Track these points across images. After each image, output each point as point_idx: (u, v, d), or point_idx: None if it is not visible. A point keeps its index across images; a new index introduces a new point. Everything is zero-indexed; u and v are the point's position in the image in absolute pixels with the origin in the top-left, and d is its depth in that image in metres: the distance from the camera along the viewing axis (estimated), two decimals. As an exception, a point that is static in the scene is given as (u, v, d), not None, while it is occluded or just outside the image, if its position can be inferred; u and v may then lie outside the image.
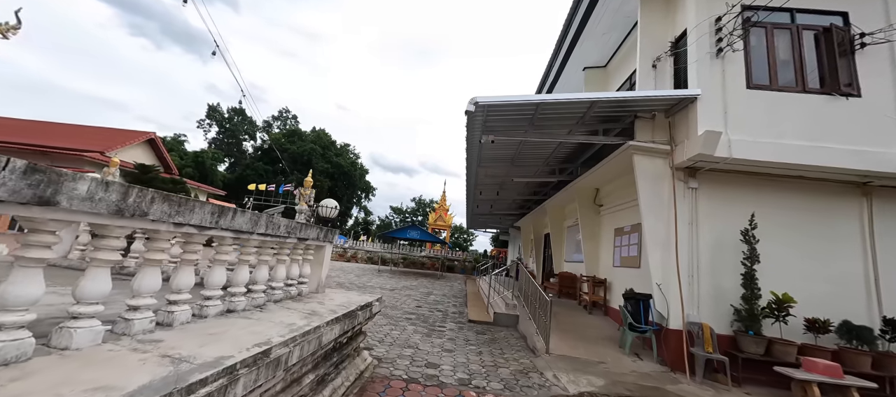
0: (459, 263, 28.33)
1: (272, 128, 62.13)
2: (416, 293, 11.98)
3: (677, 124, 5.85)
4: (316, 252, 3.90)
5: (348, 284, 12.39)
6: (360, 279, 14.70)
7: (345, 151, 59.59)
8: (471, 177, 9.84)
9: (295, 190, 34.06)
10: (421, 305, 9.44)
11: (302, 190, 3.95)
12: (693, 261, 5.58)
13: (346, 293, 4.34)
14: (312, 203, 3.82)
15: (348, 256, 28.72)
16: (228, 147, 58.39)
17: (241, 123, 58.95)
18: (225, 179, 48.93)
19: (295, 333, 2.24)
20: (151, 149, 28.48)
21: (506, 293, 8.80)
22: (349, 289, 11.26)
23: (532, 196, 13.08)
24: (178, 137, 51.87)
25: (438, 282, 17.66)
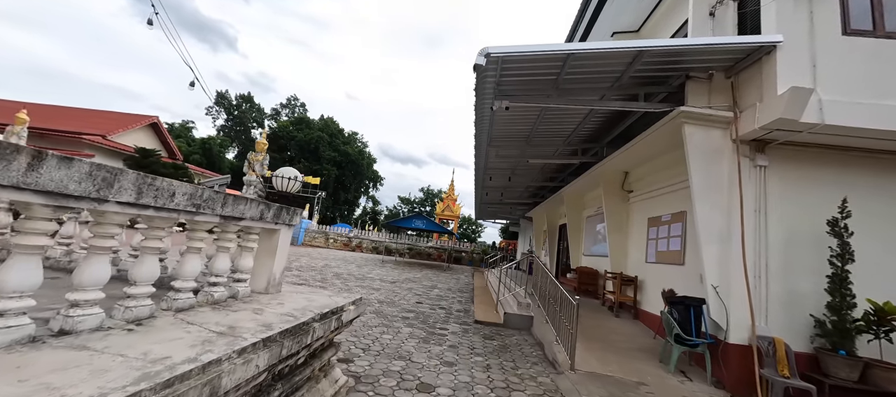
0: (467, 255, 27.33)
1: (280, 116, 61.63)
2: (418, 286, 11.00)
3: (744, 84, 4.61)
4: (263, 238, 2.88)
5: (346, 275, 11.49)
6: (360, 270, 13.80)
7: (353, 140, 58.76)
8: (480, 159, 8.71)
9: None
10: (422, 301, 8.45)
11: (253, 155, 2.95)
12: (760, 259, 4.41)
13: (312, 293, 3.32)
14: (266, 171, 2.97)
15: (353, 246, 27.98)
16: (237, 134, 58.12)
17: (249, 110, 58.56)
18: (232, 166, 48.68)
19: (145, 384, 1.20)
20: (154, 134, 27.94)
21: (518, 289, 7.75)
22: (346, 280, 10.34)
23: (547, 182, 11.89)
24: (186, 124, 51.69)
25: (444, 274, 16.68)
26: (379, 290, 9.21)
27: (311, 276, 10.23)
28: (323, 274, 11.15)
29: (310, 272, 11.17)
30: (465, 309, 8.14)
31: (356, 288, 9.14)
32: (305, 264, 13.35)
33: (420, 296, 9.26)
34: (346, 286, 9.25)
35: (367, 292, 8.67)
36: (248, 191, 2.84)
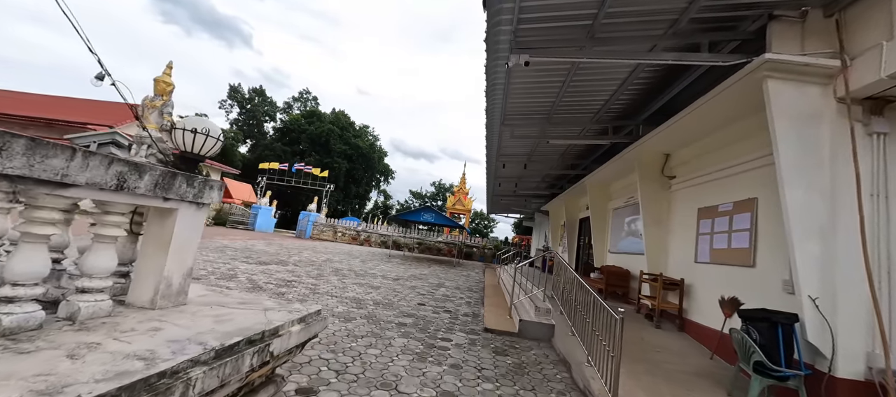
0: (479, 250, 26.26)
1: (292, 109, 61.51)
2: (423, 284, 10.01)
3: (856, 21, 3.37)
4: (152, 221, 1.88)
5: (346, 271, 10.59)
6: (363, 265, 12.90)
7: (363, 133, 58.19)
8: (492, 138, 7.60)
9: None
10: (425, 302, 7.44)
11: (149, 99, 2.13)
12: (880, 261, 3.20)
13: (239, 308, 2.29)
14: (168, 124, 2.27)
15: (361, 240, 27.26)
16: (249, 128, 58.21)
17: (261, 104, 58.56)
18: (244, 159, 48.75)
19: None
20: (163, 125, 27.56)
21: (535, 291, 6.66)
22: (344, 276, 9.42)
23: (567, 170, 10.68)
24: (200, 117, 52.03)
25: (453, 270, 15.66)
26: (378, 289, 8.24)
27: (307, 272, 9.35)
28: (320, 269, 10.26)
29: (306, 267, 10.31)
30: (473, 312, 7.08)
31: (352, 286, 8.20)
32: (305, 259, 12.53)
33: (424, 295, 8.25)
34: (342, 284, 8.32)
35: (364, 291, 7.71)
36: (140, 153, 2.12)
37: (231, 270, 8.00)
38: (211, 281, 6.58)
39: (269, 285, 6.98)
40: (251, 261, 10.01)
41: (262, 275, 8.02)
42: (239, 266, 8.79)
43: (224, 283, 6.51)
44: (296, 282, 7.65)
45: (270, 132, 57.18)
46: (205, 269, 7.66)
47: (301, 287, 7.23)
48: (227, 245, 13.49)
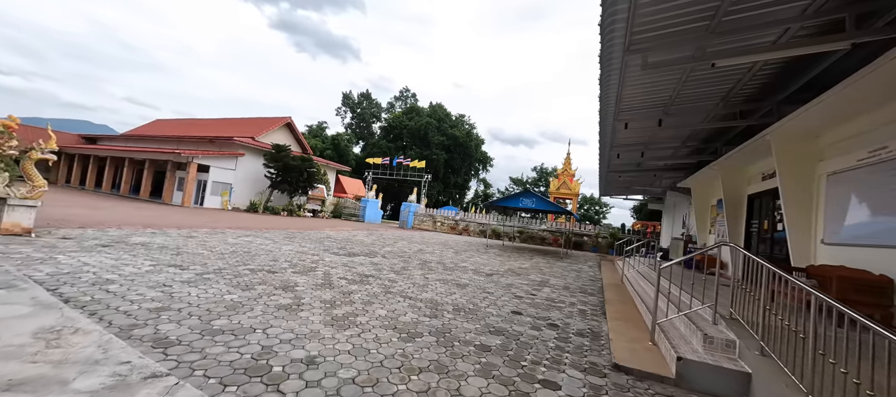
0: (590, 239, 22.73)
1: (395, 108, 65.45)
2: (523, 282, 8.20)
3: None
4: None
5: (434, 264, 9.52)
6: (455, 257, 11.74)
7: (460, 122, 58.05)
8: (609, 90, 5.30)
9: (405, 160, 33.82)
10: (522, 309, 5.68)
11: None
12: None
13: None
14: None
15: (460, 229, 26.62)
16: (361, 129, 64.20)
17: (368, 107, 63.85)
18: (357, 158, 53.86)
19: None
20: (289, 132, 31.79)
21: (697, 307, 4.20)
22: (430, 270, 8.31)
23: (726, 123, 7.37)
24: (321, 125, 59.55)
25: (560, 263, 13.27)
26: (464, 289, 6.82)
27: (391, 266, 8.56)
28: (408, 262, 9.42)
29: (394, 259, 9.60)
30: (592, 329, 5.02)
31: (435, 283, 6.96)
32: (397, 250, 12.02)
33: (521, 299, 6.49)
34: (424, 280, 7.18)
35: (446, 291, 6.38)
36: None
37: (313, 263, 7.64)
38: (286, 274, 6.15)
39: (343, 281, 6.23)
40: (341, 252, 9.79)
41: (343, 268, 7.43)
42: (325, 258, 8.50)
43: (296, 278, 5.98)
44: (373, 278, 6.79)
45: (377, 131, 61.98)
46: (289, 261, 7.45)
47: (375, 284, 6.30)
48: (329, 236, 14.03)
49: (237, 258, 7.19)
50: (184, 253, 7.11)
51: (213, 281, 5.24)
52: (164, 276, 5.14)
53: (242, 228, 12.95)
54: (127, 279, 4.79)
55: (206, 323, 3.60)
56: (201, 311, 3.92)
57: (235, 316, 3.88)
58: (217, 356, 2.94)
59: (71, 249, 6.22)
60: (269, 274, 6.13)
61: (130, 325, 3.32)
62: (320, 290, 5.41)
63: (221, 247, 8.24)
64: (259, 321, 3.83)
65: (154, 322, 3.48)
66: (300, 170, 25.23)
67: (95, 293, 4.08)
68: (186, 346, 3.04)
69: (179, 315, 3.74)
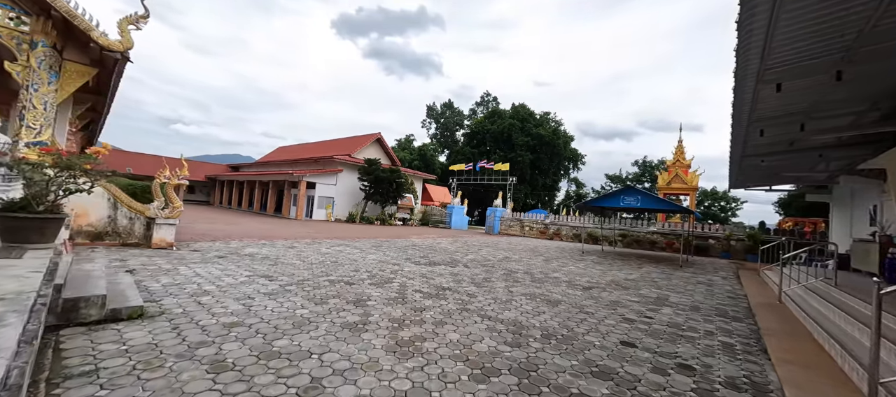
0: (719, 242, 18.51)
1: (477, 114, 65.64)
2: (632, 298, 6.63)
3: None
4: None
5: (522, 274, 8.51)
6: (546, 266, 10.48)
7: (545, 121, 55.02)
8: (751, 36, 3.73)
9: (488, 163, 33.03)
10: (635, 341, 4.36)
11: None
12: None
13: None
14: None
15: (550, 233, 24.65)
16: (445, 138, 66.01)
17: (451, 116, 65.32)
18: (442, 167, 55.33)
19: None
20: (380, 147, 34.07)
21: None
22: (516, 282, 7.36)
23: None
24: (408, 137, 63.09)
25: (680, 274, 10.80)
26: (556, 306, 5.71)
27: (473, 276, 7.88)
28: (490, 272, 8.62)
29: (476, 269, 8.91)
30: (748, 377, 3.48)
31: (520, 298, 6.01)
32: (480, 258, 11.31)
33: (632, 323, 5.09)
34: (508, 294, 6.28)
35: (533, 309, 5.39)
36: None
37: (392, 273, 7.42)
38: (362, 286, 5.96)
39: (418, 294, 5.76)
40: (422, 262, 9.50)
41: (420, 280, 7.02)
42: (405, 268, 8.26)
43: (371, 291, 5.73)
44: (450, 292, 6.18)
45: (461, 139, 62.83)
46: (368, 271, 7.36)
47: (451, 299, 5.67)
48: (414, 243, 14.09)
49: (323, 268, 7.39)
50: (279, 263, 7.59)
51: (293, 293, 5.27)
52: (252, 288, 5.36)
53: (337, 238, 13.86)
54: (221, 290, 5.09)
55: (267, 343, 3.41)
56: (269, 328, 3.79)
57: (298, 336, 3.64)
58: (263, 389, 2.61)
59: (193, 261, 7.13)
60: (347, 285, 6.02)
61: (198, 343, 3.28)
62: (391, 306, 5.00)
63: (313, 257, 8.68)
64: (319, 343, 3.51)
65: (222, 339, 3.41)
66: (389, 182, 26.62)
67: (188, 305, 4.33)
68: (237, 372, 2.81)
69: (247, 332, 3.65)
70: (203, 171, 43.93)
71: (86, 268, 4.48)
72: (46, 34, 6.74)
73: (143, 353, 2.99)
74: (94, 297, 3.53)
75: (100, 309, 3.54)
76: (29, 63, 6.66)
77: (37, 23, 6.65)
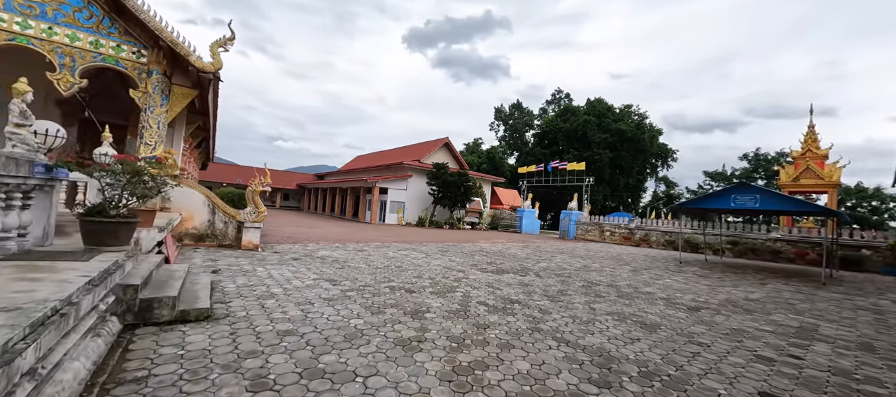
0: (877, 253, 14.25)
1: (547, 113, 62.62)
2: (764, 327, 5.09)
3: None
4: None
5: (605, 287, 7.32)
6: (634, 277, 8.99)
7: (626, 114, 49.96)
8: None
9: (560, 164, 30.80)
10: (779, 395, 3.13)
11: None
12: None
13: None
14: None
15: (636, 239, 21.91)
16: (514, 140, 64.30)
17: (520, 117, 63.39)
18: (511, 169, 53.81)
19: None
20: (448, 151, 34.33)
21: None
22: (598, 299, 6.28)
23: None
24: (476, 141, 62.79)
25: (825, 294, 8.29)
26: (653, 332, 4.59)
27: (545, 288, 6.99)
28: (567, 283, 7.60)
29: (550, 279, 7.95)
30: None
31: (605, 319, 4.99)
32: (554, 266, 10.23)
33: (772, 364, 3.77)
34: (590, 313, 5.30)
35: (623, 335, 4.39)
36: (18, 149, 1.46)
37: (455, 281, 6.92)
38: (423, 295, 5.56)
39: (482, 307, 5.15)
40: (489, 269, 8.84)
41: (485, 290, 6.39)
42: (470, 275, 7.71)
43: (431, 301, 5.29)
44: (519, 306, 5.44)
45: (531, 139, 60.47)
46: (431, 278, 6.97)
47: (521, 315, 4.93)
48: (482, 249, 13.48)
49: (386, 273, 7.22)
50: (346, 267, 7.65)
51: (352, 300, 5.08)
52: (315, 292, 5.32)
53: (405, 242, 13.95)
54: (286, 294, 5.13)
55: (314, 358, 3.13)
56: (320, 340, 3.55)
57: (347, 352, 3.31)
58: (295, 417, 2.26)
59: (271, 262, 7.54)
60: (407, 293, 5.68)
61: (248, 353, 3.14)
62: (452, 320, 4.47)
63: (379, 262, 8.64)
64: (367, 362, 3.13)
65: (271, 350, 3.23)
66: (457, 185, 26.47)
67: (252, 308, 4.36)
68: (275, 393, 2.53)
69: (297, 343, 3.44)
70: (295, 181, 49.39)
71: (172, 268, 4.84)
72: (159, 63, 7.83)
73: (195, 361, 2.92)
74: (166, 298, 3.66)
75: (171, 309, 3.66)
76: (146, 89, 7.80)
77: (152, 54, 7.77)
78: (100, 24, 7.29)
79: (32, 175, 2.61)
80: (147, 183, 3.41)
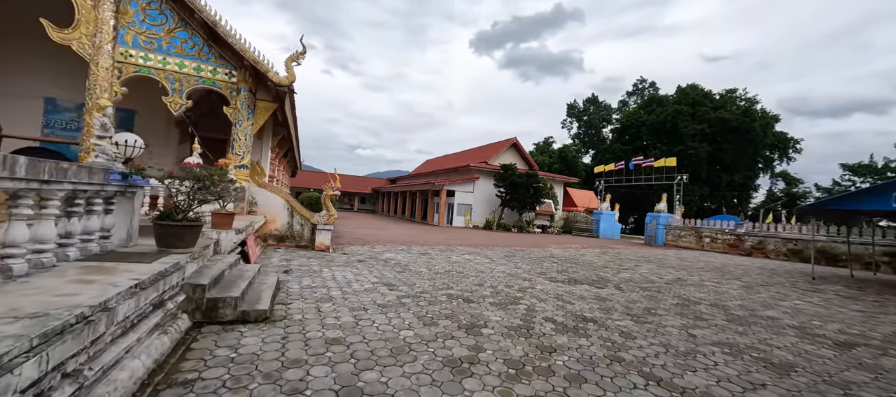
0: None
1: (628, 105, 57.04)
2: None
3: None
4: None
5: (707, 307, 5.99)
6: (750, 295, 7.28)
7: (729, 100, 42.87)
8: None
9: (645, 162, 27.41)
10: None
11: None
12: None
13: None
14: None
15: (747, 247, 18.41)
16: (589, 137, 59.94)
17: (596, 112, 58.89)
18: (586, 168, 50.07)
19: None
20: (516, 152, 33.25)
21: None
22: (701, 318, 5.13)
23: None
24: (547, 140, 59.88)
25: None
26: (785, 376, 3.45)
27: (627, 303, 5.97)
28: (656, 301, 6.42)
29: (633, 293, 6.82)
30: None
31: (709, 349, 3.93)
32: (639, 278, 8.89)
33: None
34: (689, 342, 4.27)
35: (740, 373, 3.36)
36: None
37: (520, 291, 6.29)
38: (482, 306, 5.10)
39: (549, 325, 4.49)
40: (559, 278, 7.98)
41: (554, 303, 5.66)
42: (536, 285, 6.99)
43: (490, 314, 4.79)
44: (596, 325, 4.64)
45: (608, 135, 55.61)
46: (493, 287, 6.45)
47: (596, 339, 4.16)
48: (552, 255, 12.45)
49: (446, 279, 6.91)
50: (407, 270, 7.55)
51: (407, 307, 4.85)
52: (371, 297, 5.22)
53: (470, 245, 13.59)
54: (344, 297, 5.11)
55: (355, 373, 2.90)
56: (365, 352, 3.33)
57: (390, 370, 3.02)
58: (320, 449, 2.00)
59: (337, 264, 7.79)
60: (465, 303, 5.27)
61: (292, 362, 3.04)
62: (511, 339, 3.92)
63: (441, 266, 8.40)
64: (409, 385, 2.79)
65: (315, 360, 3.10)
66: (526, 187, 25.33)
67: (309, 312, 4.38)
68: (306, 415, 2.32)
69: (343, 354, 3.26)
70: (371, 185, 52.73)
71: (243, 268, 5.15)
72: (245, 81, 8.73)
73: (241, 366, 2.89)
74: (229, 299, 3.81)
75: (233, 309, 3.79)
76: (236, 105, 8.75)
77: (240, 74, 8.70)
78: (200, 51, 8.39)
79: (108, 182, 2.86)
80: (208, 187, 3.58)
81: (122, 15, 7.72)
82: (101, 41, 7.47)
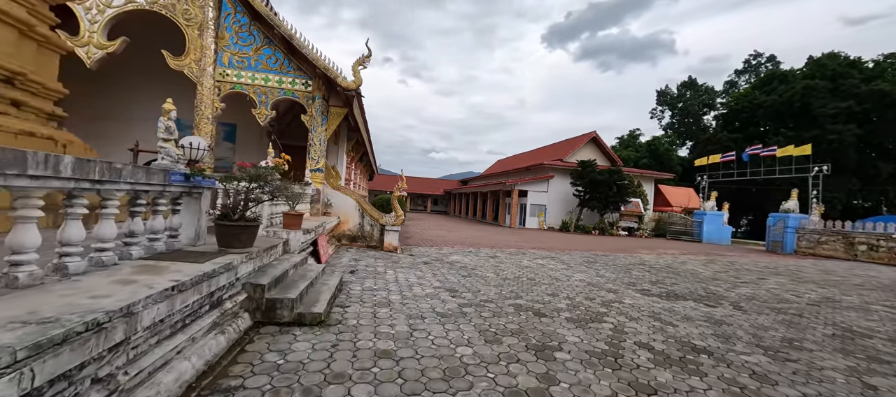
0: None
1: (737, 87, 48.42)
2: None
3: None
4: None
5: (885, 345, 4.30)
6: (951, 329, 5.11)
7: (887, 68, 33.24)
8: None
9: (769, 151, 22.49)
10: None
11: None
12: None
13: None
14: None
15: (928, 258, 13.84)
16: (687, 126, 52.54)
17: (693, 98, 51.33)
18: (683, 162, 43.85)
19: None
20: (596, 147, 30.58)
21: None
22: (874, 364, 3.63)
23: None
24: (633, 133, 53.88)
25: None
26: None
27: (758, 330, 4.59)
28: (798, 328, 4.86)
29: (763, 316, 5.29)
30: None
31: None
32: (763, 294, 7.04)
33: None
34: (862, 392, 2.96)
35: None
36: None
37: (604, 306, 5.32)
38: (556, 322, 4.35)
39: (644, 353, 3.56)
40: (653, 291, 6.67)
41: (649, 324, 4.61)
42: (625, 299, 5.89)
43: (567, 333, 4.02)
44: (712, 358, 3.56)
45: (711, 123, 47.85)
46: (570, 298, 5.57)
47: (715, 378, 3.13)
48: (643, 261, 10.76)
49: (515, 286, 6.25)
50: (473, 275, 7.07)
51: (468, 318, 4.35)
52: (431, 304, 4.85)
53: (544, 248, 12.55)
54: (403, 302, 4.84)
55: (400, 400, 2.49)
56: (415, 372, 2.92)
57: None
58: None
59: (402, 265, 7.67)
60: (535, 316, 4.57)
61: (336, 376, 2.76)
62: (594, 369, 3.15)
63: (510, 271, 7.73)
64: (461, 423, 2.27)
65: (360, 376, 2.78)
66: (608, 184, 22.91)
67: (365, 316, 4.17)
68: (335, 450, 1.96)
69: (390, 371, 2.90)
70: (443, 187, 53.67)
71: (307, 268, 5.21)
72: (319, 89, 9.23)
73: (285, 376, 2.70)
74: (286, 300, 3.76)
75: (290, 311, 3.73)
76: (312, 113, 9.29)
77: (314, 83, 9.22)
78: (281, 64, 9.10)
79: (170, 183, 2.96)
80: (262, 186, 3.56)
81: (220, 39, 8.74)
82: (205, 64, 8.56)
